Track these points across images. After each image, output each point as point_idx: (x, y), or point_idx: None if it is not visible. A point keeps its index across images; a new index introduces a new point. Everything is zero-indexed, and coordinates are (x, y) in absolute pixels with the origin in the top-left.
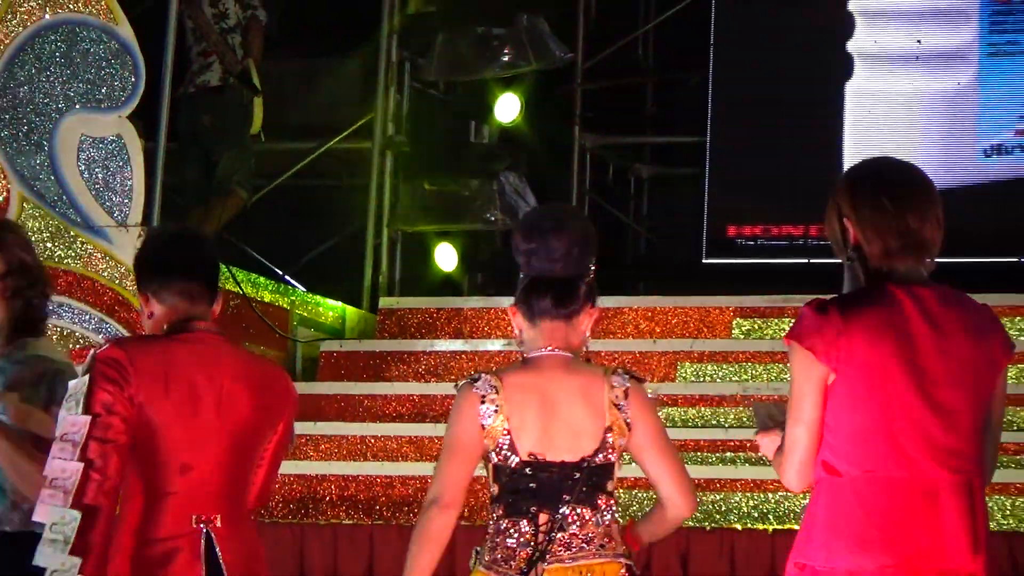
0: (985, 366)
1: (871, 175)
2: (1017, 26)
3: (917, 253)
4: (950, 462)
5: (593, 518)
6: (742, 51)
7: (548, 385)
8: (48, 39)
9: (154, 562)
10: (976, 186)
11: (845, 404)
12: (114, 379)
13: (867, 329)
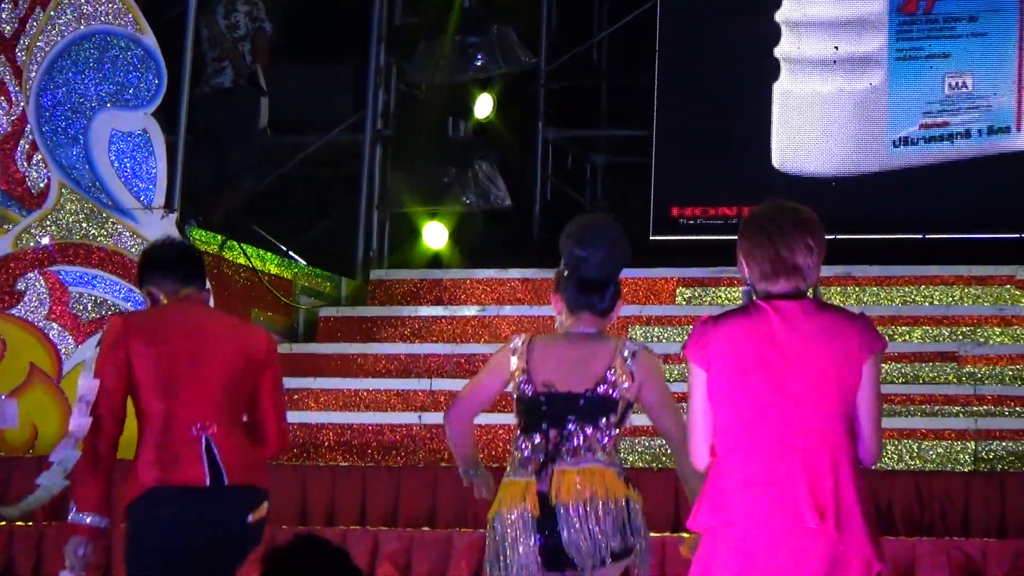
0: (843, 362)
1: (753, 217)
2: (921, 34)
3: (788, 275)
4: (795, 442)
5: (594, 434)
6: (684, 56)
7: (569, 346)
8: (83, 47)
9: (167, 464)
10: (885, 173)
11: (716, 397)
12: (118, 345)
13: (730, 336)
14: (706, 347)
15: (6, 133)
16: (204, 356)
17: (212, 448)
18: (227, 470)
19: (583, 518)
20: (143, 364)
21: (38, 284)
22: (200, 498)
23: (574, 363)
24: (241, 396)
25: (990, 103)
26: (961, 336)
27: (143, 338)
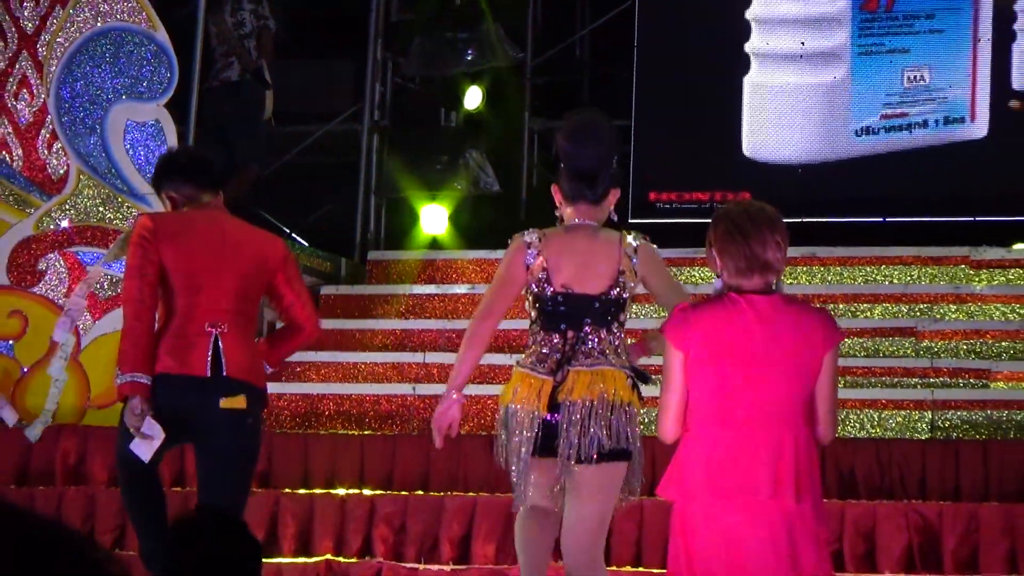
0: (806, 352)
1: (727, 216)
2: (881, 31)
3: (761, 271)
4: (760, 423)
5: (607, 338)
6: (660, 51)
7: (578, 242)
8: (99, 43)
9: (179, 351)
10: (848, 160)
11: (692, 378)
12: (146, 239)
13: (708, 324)
14: (686, 331)
15: (28, 123)
16: (224, 262)
17: (219, 345)
18: (227, 365)
19: (585, 415)
20: (171, 263)
21: (58, 264)
22: (199, 385)
23: (586, 264)
24: (254, 299)
25: (946, 95)
26: (919, 313)
27: (171, 239)
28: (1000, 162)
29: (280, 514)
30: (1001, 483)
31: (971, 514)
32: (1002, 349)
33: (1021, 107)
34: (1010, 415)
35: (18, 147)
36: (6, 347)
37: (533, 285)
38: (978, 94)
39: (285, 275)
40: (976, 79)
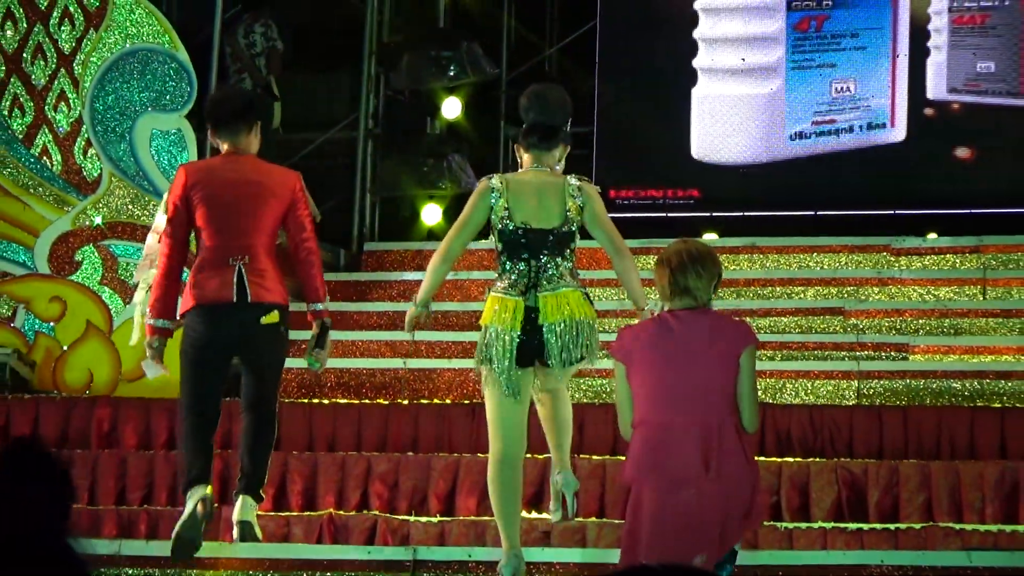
0: (725, 353)
1: (662, 254)
2: (812, 48)
3: (683, 295)
4: (684, 413)
5: (563, 264)
6: (619, 66)
7: (532, 182)
8: (128, 62)
9: (206, 282)
10: (784, 161)
11: (635, 382)
12: (176, 195)
13: (642, 338)
14: (625, 347)
15: (66, 132)
16: (247, 204)
17: (243, 275)
18: (251, 291)
19: (561, 333)
20: (200, 207)
21: (92, 255)
22: (227, 310)
23: (540, 204)
24: (275, 228)
25: (869, 104)
26: (846, 295)
27: (201, 187)
28: (916, 163)
29: (288, 473)
30: (919, 443)
31: (892, 470)
32: (919, 326)
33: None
34: (926, 384)
35: (57, 153)
36: (48, 328)
37: (497, 222)
38: (897, 103)
39: (302, 204)
40: (895, 90)
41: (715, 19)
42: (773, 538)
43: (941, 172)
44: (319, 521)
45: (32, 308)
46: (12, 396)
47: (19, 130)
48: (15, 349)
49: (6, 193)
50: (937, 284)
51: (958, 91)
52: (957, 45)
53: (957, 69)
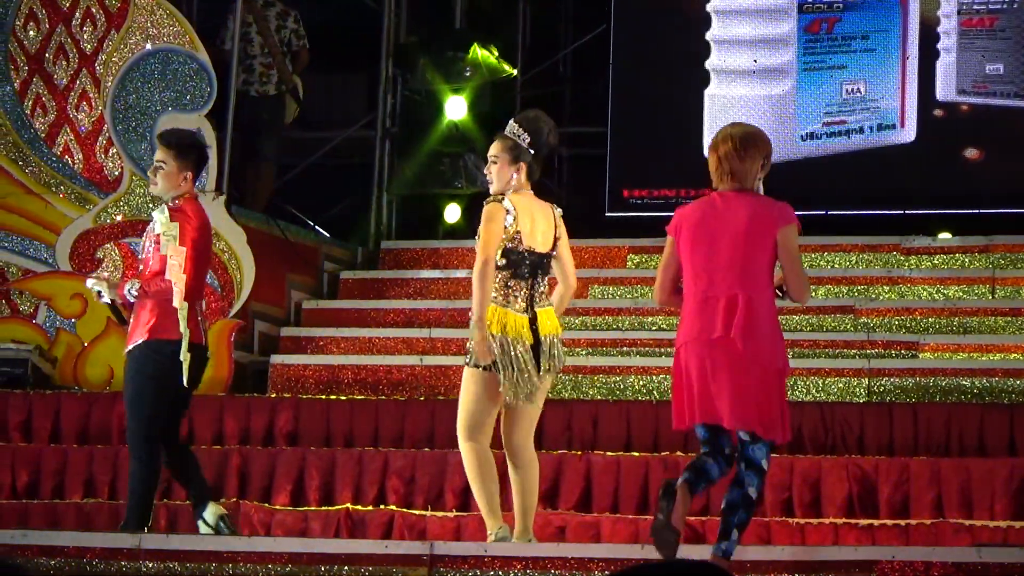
0: (759, 233)
1: (715, 139)
2: (823, 49)
3: (730, 178)
4: (718, 285)
5: (545, 284)
6: (632, 68)
7: (531, 207)
8: (149, 62)
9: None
10: (795, 161)
11: (682, 254)
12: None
13: (690, 214)
14: (676, 223)
15: (88, 131)
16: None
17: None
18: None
19: (552, 345)
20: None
21: (113, 253)
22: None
23: (541, 229)
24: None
25: (879, 105)
26: (856, 293)
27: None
28: (926, 163)
29: (306, 468)
30: (929, 439)
31: (903, 466)
32: (929, 324)
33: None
34: (936, 381)
35: (79, 152)
36: (69, 324)
37: (507, 242)
38: (907, 104)
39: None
40: (905, 91)
41: (727, 21)
42: (785, 533)
43: (950, 172)
44: (336, 516)
45: (54, 305)
46: (34, 392)
47: (41, 129)
48: (37, 345)
49: (28, 191)
50: (947, 283)
51: (967, 92)
52: (966, 47)
53: (966, 71)
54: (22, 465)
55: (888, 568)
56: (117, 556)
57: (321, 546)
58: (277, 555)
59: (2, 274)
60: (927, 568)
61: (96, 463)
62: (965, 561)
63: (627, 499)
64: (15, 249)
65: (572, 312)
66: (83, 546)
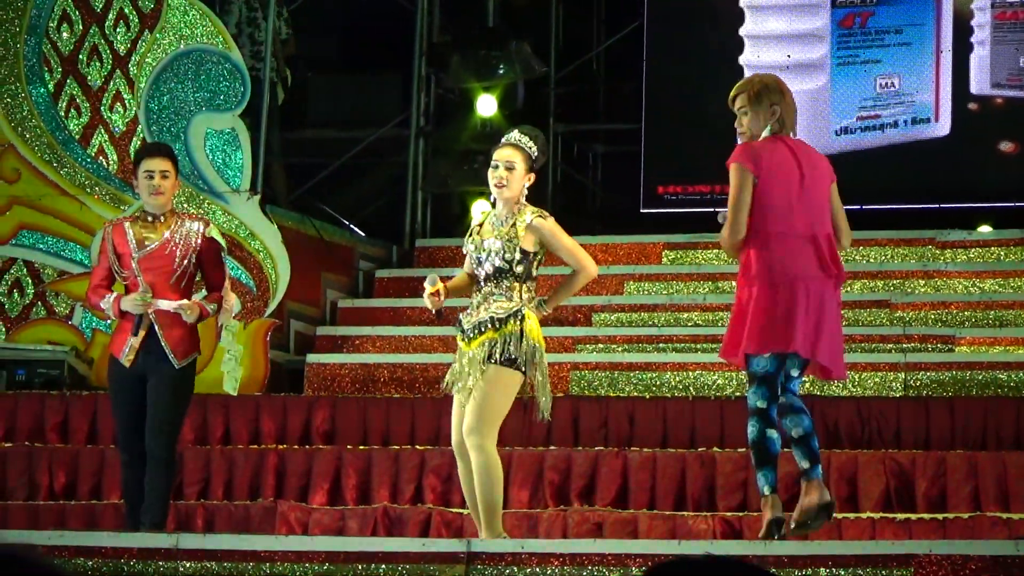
0: (822, 178)
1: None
2: (857, 44)
3: (788, 128)
4: (806, 222)
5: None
6: (666, 64)
7: None
8: (183, 62)
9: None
10: (829, 155)
11: (765, 189)
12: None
13: (768, 151)
14: (754, 158)
15: (122, 132)
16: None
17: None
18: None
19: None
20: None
21: None
22: None
23: None
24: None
25: (913, 99)
26: (892, 288)
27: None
28: (960, 157)
29: (343, 467)
30: (965, 433)
31: (939, 460)
32: (964, 318)
33: (1014, 149)
34: (972, 375)
35: (113, 153)
36: (105, 326)
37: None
38: (941, 98)
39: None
40: (939, 85)
41: (761, 16)
42: (822, 528)
43: (985, 166)
44: (374, 514)
45: None
46: (71, 393)
47: (76, 130)
48: (73, 347)
49: (63, 193)
50: (982, 276)
51: (1001, 86)
52: (1000, 40)
53: (1000, 64)
54: (60, 466)
55: (925, 562)
56: (155, 556)
57: (358, 545)
58: (314, 554)
59: (38, 276)
60: (964, 562)
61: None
62: (1003, 555)
63: (664, 495)
64: (50, 251)
65: (607, 309)
66: (120, 546)
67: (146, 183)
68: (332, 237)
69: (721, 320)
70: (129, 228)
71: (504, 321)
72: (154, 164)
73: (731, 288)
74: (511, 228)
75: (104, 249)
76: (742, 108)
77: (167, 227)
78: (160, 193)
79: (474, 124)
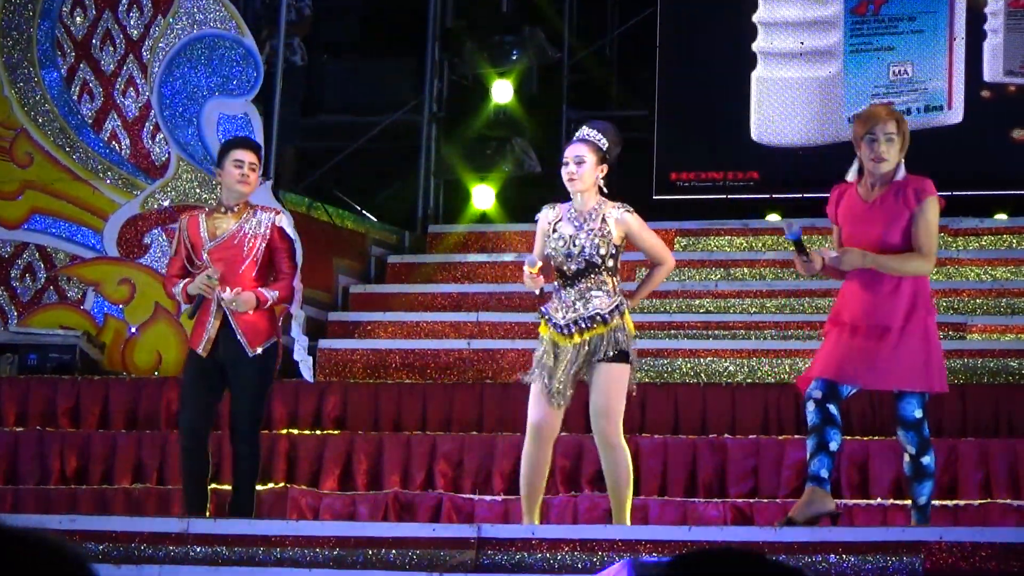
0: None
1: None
2: (870, 31)
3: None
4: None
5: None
6: (679, 51)
7: None
8: (196, 47)
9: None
10: (842, 143)
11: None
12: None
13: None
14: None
15: (135, 117)
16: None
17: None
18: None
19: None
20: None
21: (161, 238)
22: None
23: None
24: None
25: (927, 86)
26: None
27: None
28: (973, 144)
29: (354, 453)
30: (977, 421)
31: (951, 448)
32: (976, 305)
33: None
34: (984, 363)
35: (126, 138)
36: (117, 311)
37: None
38: (954, 86)
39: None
40: (952, 73)
41: (774, 3)
42: None
43: (999, 153)
44: (384, 499)
45: (101, 291)
46: (82, 377)
47: (88, 115)
48: (85, 331)
49: (76, 177)
50: (994, 264)
51: (1014, 73)
52: (1014, 28)
53: (1014, 52)
54: (71, 451)
55: (936, 549)
56: (165, 541)
57: (369, 530)
58: (325, 539)
59: (50, 260)
60: (975, 549)
61: (144, 449)
62: (1014, 542)
63: (674, 481)
64: (62, 235)
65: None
66: (132, 531)
67: (235, 171)
68: (344, 223)
69: (732, 307)
70: (203, 220)
71: (610, 316)
72: (244, 155)
73: (742, 275)
74: (600, 223)
75: (181, 239)
76: (891, 135)
77: (238, 218)
78: (247, 183)
79: (488, 110)
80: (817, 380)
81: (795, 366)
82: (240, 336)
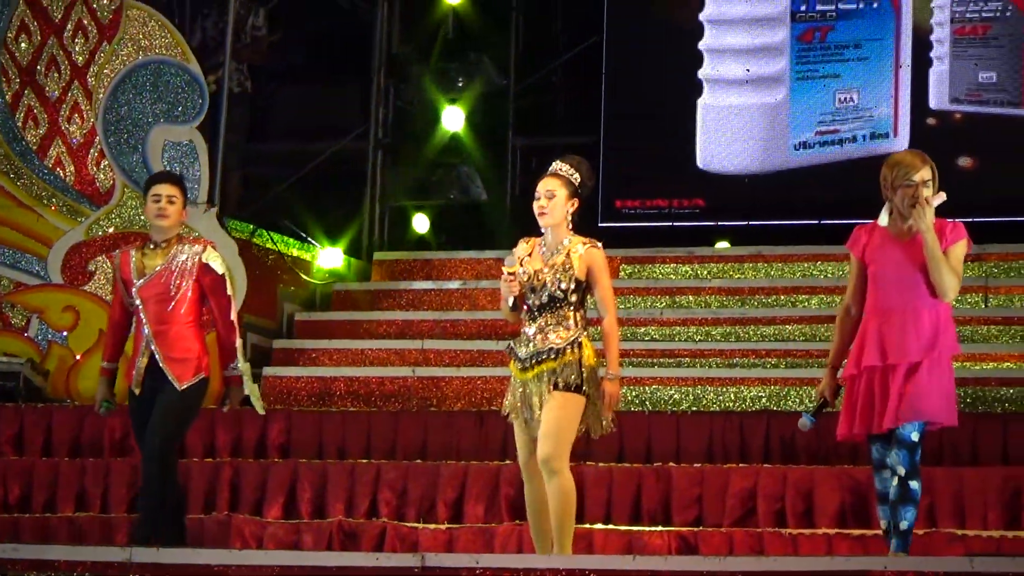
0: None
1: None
2: (816, 59)
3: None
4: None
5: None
6: (624, 78)
7: None
8: (141, 73)
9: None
10: (788, 171)
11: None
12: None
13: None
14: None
15: (79, 143)
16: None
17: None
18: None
19: None
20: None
21: (105, 265)
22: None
23: None
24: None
25: (872, 114)
26: None
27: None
28: None
29: (298, 481)
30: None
31: None
32: None
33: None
34: None
35: (70, 164)
36: (61, 338)
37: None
38: (900, 113)
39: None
40: (898, 100)
41: (720, 31)
42: (778, 543)
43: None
44: (328, 528)
45: (45, 318)
46: (25, 405)
47: (33, 141)
48: (28, 358)
49: (20, 204)
50: None
51: (960, 101)
52: (959, 55)
53: (959, 79)
54: (13, 479)
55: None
56: (108, 570)
57: (313, 559)
58: (269, 568)
59: None
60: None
61: (88, 476)
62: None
63: (620, 510)
64: (7, 262)
65: None
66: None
67: (153, 206)
68: (289, 250)
69: (677, 335)
70: (134, 256)
71: (562, 351)
72: (162, 189)
73: (688, 303)
74: (565, 258)
75: (116, 277)
76: (928, 181)
77: (166, 254)
78: (165, 216)
79: (434, 136)
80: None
81: (740, 394)
82: (168, 373)
